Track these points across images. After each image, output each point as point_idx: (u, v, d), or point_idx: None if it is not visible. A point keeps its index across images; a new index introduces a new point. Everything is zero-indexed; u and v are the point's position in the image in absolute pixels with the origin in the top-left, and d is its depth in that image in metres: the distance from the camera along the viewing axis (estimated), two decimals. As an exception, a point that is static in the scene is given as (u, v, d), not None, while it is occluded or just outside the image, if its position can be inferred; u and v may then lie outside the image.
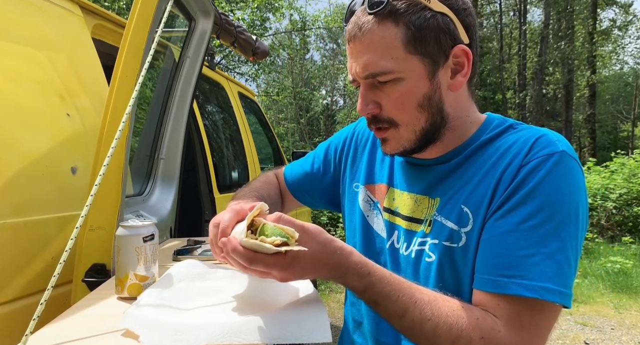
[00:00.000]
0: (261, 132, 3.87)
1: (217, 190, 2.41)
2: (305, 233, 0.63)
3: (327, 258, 0.64)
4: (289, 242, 0.59)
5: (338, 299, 4.34)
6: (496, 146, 0.75)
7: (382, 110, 0.75)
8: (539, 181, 0.66)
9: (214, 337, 0.59)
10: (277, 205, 1.06)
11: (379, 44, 0.70)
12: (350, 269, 0.65)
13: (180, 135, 1.62)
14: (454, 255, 0.73)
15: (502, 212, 0.68)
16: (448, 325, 0.64)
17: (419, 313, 0.64)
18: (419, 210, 0.80)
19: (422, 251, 0.78)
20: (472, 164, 0.76)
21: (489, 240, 0.69)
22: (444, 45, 0.71)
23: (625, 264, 4.98)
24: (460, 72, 0.74)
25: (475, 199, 0.72)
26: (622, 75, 24.11)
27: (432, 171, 0.80)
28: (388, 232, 0.85)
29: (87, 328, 0.67)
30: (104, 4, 7.44)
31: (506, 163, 0.71)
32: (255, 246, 0.59)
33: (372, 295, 0.66)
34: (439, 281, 0.74)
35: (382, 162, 0.91)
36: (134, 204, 1.48)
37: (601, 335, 3.45)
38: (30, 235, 1.05)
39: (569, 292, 0.64)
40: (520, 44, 18.87)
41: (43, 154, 1.14)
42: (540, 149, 0.69)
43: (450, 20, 0.70)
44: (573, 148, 0.72)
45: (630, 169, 7.18)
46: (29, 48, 1.22)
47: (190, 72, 1.62)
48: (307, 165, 1.07)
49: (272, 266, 0.60)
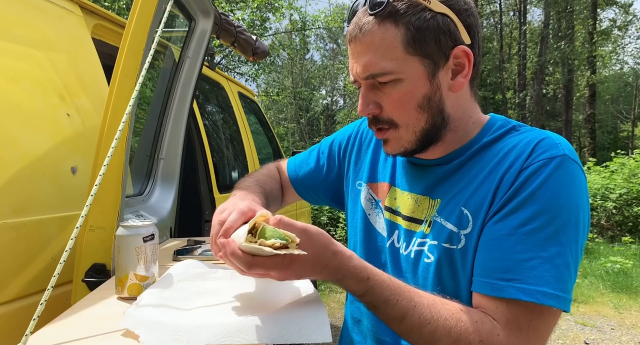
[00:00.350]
0: (261, 132, 3.87)
1: (217, 190, 2.41)
2: (306, 235, 0.63)
3: (326, 260, 0.64)
4: (289, 245, 0.59)
5: (338, 299, 4.34)
6: (498, 148, 0.74)
7: (383, 111, 0.75)
8: (539, 185, 0.66)
9: (214, 337, 0.59)
10: (278, 200, 1.06)
11: (379, 44, 0.70)
12: (349, 273, 0.65)
13: (180, 135, 1.62)
14: (452, 257, 0.73)
15: (501, 215, 0.68)
16: (447, 329, 0.64)
17: (418, 317, 0.64)
18: (419, 210, 0.80)
19: (421, 252, 0.77)
20: (473, 165, 0.76)
21: (488, 243, 0.69)
22: (444, 46, 0.71)
23: (625, 264, 4.98)
24: (460, 73, 0.73)
25: (476, 201, 0.72)
26: (622, 75, 24.11)
27: (433, 172, 0.80)
28: (389, 231, 0.85)
29: (87, 328, 0.67)
30: (104, 4, 7.45)
31: (507, 166, 0.70)
32: (254, 250, 0.58)
33: (372, 299, 0.66)
34: (437, 282, 0.74)
35: (385, 161, 0.91)
36: (134, 204, 1.48)
37: (601, 335, 3.45)
38: (30, 235, 1.05)
39: (567, 296, 0.64)
40: (520, 44, 18.88)
41: (43, 154, 1.14)
42: (542, 153, 0.68)
43: (451, 21, 0.70)
44: (575, 151, 0.71)
45: (630, 169, 7.18)
46: (29, 48, 1.22)
47: (190, 72, 1.62)
48: (312, 161, 1.06)
49: (271, 267, 0.60)
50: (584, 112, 18.40)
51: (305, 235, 0.62)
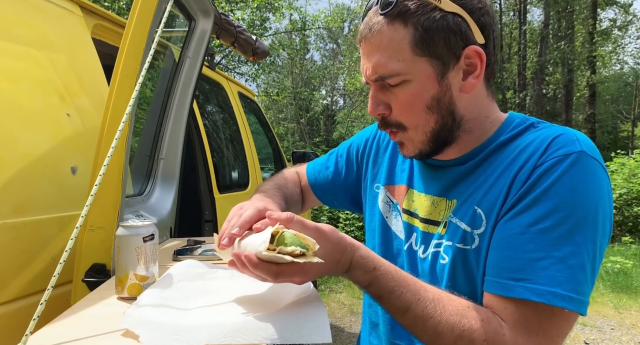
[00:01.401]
0: (261, 132, 3.87)
1: (217, 190, 2.41)
2: (319, 234, 0.63)
3: (339, 256, 0.65)
4: (307, 253, 0.59)
5: (338, 299, 4.34)
6: (514, 146, 0.72)
7: (391, 113, 0.75)
8: (553, 182, 0.64)
9: (214, 337, 0.59)
10: (298, 205, 1.06)
11: (387, 45, 0.70)
12: (356, 263, 0.65)
13: (180, 135, 1.62)
14: (467, 257, 0.71)
15: (513, 214, 0.66)
16: (450, 325, 0.63)
17: (421, 310, 0.64)
18: (436, 212, 0.79)
19: (437, 253, 0.76)
20: (489, 164, 0.74)
21: (499, 241, 0.67)
22: (454, 47, 0.69)
23: (625, 264, 4.98)
24: (472, 73, 0.71)
25: (489, 200, 0.70)
26: (622, 75, 24.09)
27: (449, 173, 0.79)
28: (406, 234, 0.84)
29: (87, 328, 0.67)
30: (104, 4, 7.45)
31: (521, 163, 0.68)
32: (274, 258, 0.58)
33: (377, 289, 0.66)
34: (451, 283, 0.73)
35: (403, 163, 0.90)
36: (134, 204, 1.48)
37: (601, 335, 3.45)
38: (30, 235, 1.05)
39: (582, 298, 0.61)
40: (520, 44, 18.87)
41: (43, 154, 1.13)
42: (557, 149, 0.66)
43: (462, 20, 0.68)
44: (596, 148, 0.68)
45: (630, 169, 7.19)
46: (29, 48, 1.22)
47: (190, 72, 1.62)
48: (331, 164, 1.06)
49: (294, 275, 0.61)
50: (584, 112, 18.39)
51: (319, 234, 0.63)
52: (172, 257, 1.13)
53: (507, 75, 20.08)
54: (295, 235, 0.60)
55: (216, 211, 2.36)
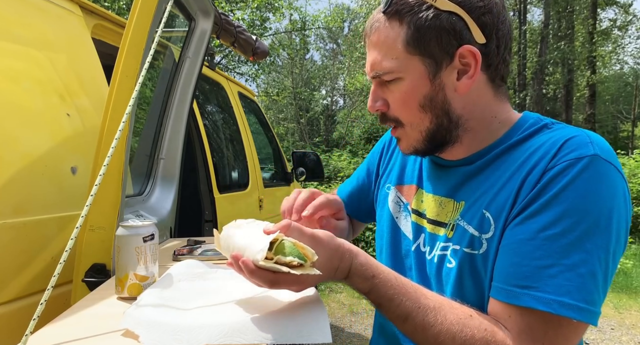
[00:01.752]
0: (261, 132, 3.87)
1: (217, 190, 2.41)
2: (316, 241, 0.63)
3: (337, 262, 0.64)
4: (305, 264, 0.59)
5: (338, 299, 4.34)
6: (526, 148, 0.70)
7: (389, 109, 0.76)
8: (564, 187, 0.61)
9: (213, 337, 0.59)
10: (345, 230, 1.00)
11: (383, 43, 0.71)
12: (355, 270, 0.65)
13: (180, 135, 1.62)
14: (474, 262, 0.69)
15: (522, 218, 0.64)
16: (451, 334, 0.62)
17: (421, 319, 0.63)
18: (443, 213, 0.78)
19: (444, 256, 0.75)
20: (499, 166, 0.72)
21: (507, 247, 0.65)
22: (447, 46, 0.68)
23: (625, 264, 4.98)
24: (467, 73, 0.70)
25: (498, 203, 0.68)
26: (622, 75, 24.10)
27: (456, 173, 0.78)
28: (415, 234, 0.83)
29: (87, 328, 0.67)
30: (104, 4, 7.45)
31: (531, 166, 0.66)
32: (271, 268, 0.58)
33: (376, 297, 0.65)
34: (458, 289, 0.71)
35: (414, 163, 0.89)
36: (134, 204, 1.48)
37: (601, 335, 3.45)
38: (30, 235, 1.05)
39: (591, 308, 0.59)
40: (520, 44, 18.86)
41: (43, 154, 1.13)
42: (569, 152, 0.63)
43: (459, 19, 0.67)
44: (613, 151, 0.66)
45: (630, 169, 7.19)
46: (29, 48, 1.22)
47: (190, 72, 1.62)
48: (354, 179, 1.07)
49: (292, 284, 0.61)
50: (584, 112, 18.39)
51: (315, 242, 0.62)
52: (172, 257, 1.13)
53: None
54: (295, 245, 0.59)
55: (216, 211, 2.36)
